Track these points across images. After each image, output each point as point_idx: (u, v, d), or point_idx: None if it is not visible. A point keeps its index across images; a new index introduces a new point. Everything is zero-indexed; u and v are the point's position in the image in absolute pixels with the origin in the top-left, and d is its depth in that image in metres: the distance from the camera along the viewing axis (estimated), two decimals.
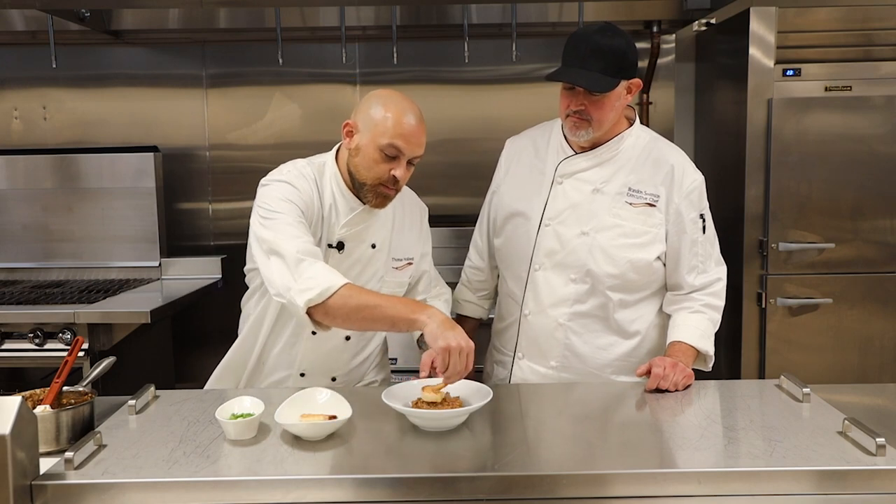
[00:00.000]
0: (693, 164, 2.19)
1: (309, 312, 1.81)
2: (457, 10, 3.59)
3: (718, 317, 2.19)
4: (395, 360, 3.11)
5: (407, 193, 2.21)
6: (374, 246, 2.07)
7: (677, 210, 2.12)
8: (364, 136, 1.95)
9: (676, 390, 1.93)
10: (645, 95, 3.76)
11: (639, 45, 3.73)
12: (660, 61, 3.73)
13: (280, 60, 3.58)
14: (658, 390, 1.93)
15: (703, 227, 2.16)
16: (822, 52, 3.13)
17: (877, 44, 3.13)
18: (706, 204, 2.18)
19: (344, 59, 3.62)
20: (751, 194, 3.15)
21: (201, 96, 3.83)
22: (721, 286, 2.20)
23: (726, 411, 1.82)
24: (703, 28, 3.65)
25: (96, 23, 3.53)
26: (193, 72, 3.83)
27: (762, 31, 3.08)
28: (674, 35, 3.77)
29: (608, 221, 2.11)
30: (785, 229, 3.13)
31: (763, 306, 3.16)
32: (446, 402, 1.72)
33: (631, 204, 2.11)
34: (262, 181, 2.02)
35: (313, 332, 2.00)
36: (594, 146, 2.14)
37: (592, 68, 1.99)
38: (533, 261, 2.17)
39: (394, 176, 1.93)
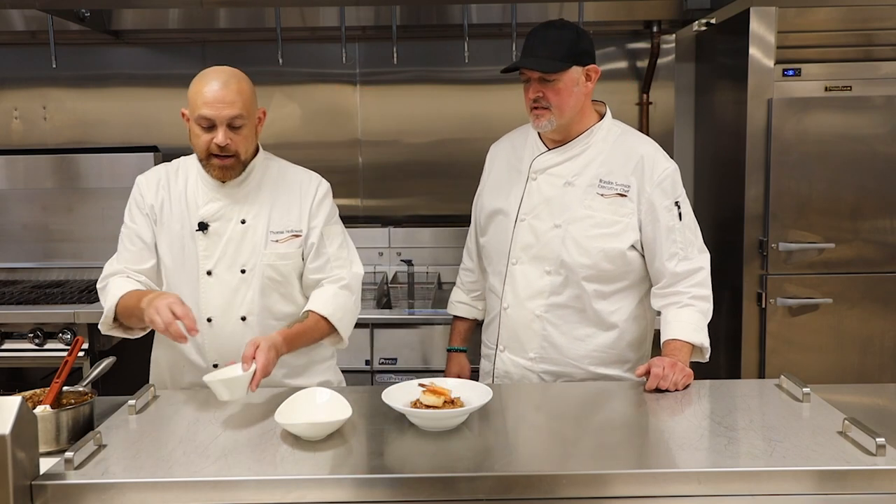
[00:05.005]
0: (665, 154, 2.22)
1: (116, 325, 2.10)
2: (457, 10, 3.58)
3: (708, 306, 2.19)
4: (396, 360, 3.12)
5: (289, 171, 2.21)
6: (243, 222, 2.11)
7: (649, 199, 2.15)
8: (190, 118, 2.07)
9: (676, 390, 1.93)
10: (645, 95, 3.76)
11: (639, 45, 3.76)
12: (660, 61, 3.72)
13: (280, 60, 3.57)
14: (658, 390, 1.93)
15: (679, 215, 2.17)
16: (822, 52, 3.13)
17: (877, 44, 3.13)
18: (681, 192, 2.20)
19: (344, 59, 3.62)
20: (751, 194, 3.15)
21: None
22: (705, 275, 2.20)
23: (726, 411, 1.81)
24: (703, 28, 3.65)
25: (96, 23, 3.52)
26: (193, 72, 3.75)
27: (762, 31, 3.08)
28: (674, 35, 3.76)
29: (580, 213, 2.16)
30: (785, 229, 3.13)
31: (763, 306, 3.16)
32: (446, 402, 1.72)
33: (602, 195, 2.16)
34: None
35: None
36: (565, 141, 2.20)
37: (540, 55, 2.10)
38: (510, 255, 2.23)
39: (217, 144, 2.01)
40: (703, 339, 2.13)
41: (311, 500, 1.44)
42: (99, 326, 2.12)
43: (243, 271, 2.11)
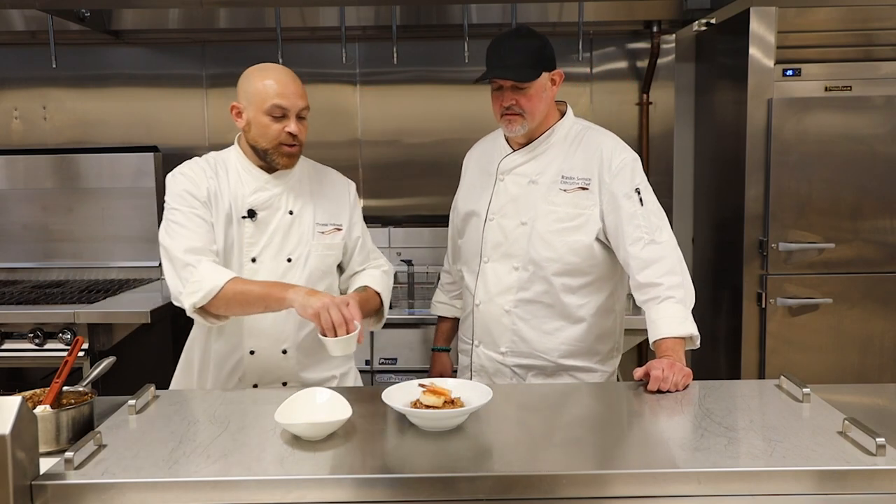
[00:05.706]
0: (625, 146, 2.28)
1: (201, 309, 2.02)
2: (457, 10, 3.59)
3: (684, 292, 2.14)
4: (396, 360, 3.12)
5: (324, 170, 2.34)
6: (291, 213, 2.17)
7: (609, 189, 2.21)
8: (249, 111, 2.12)
9: (677, 390, 1.93)
10: (645, 95, 3.76)
11: (639, 45, 3.76)
12: (660, 61, 3.72)
13: (280, 60, 3.57)
14: (658, 391, 1.92)
15: (641, 201, 2.20)
16: (822, 52, 3.14)
17: (877, 44, 3.13)
18: (641, 179, 2.24)
19: (344, 59, 3.62)
20: (751, 194, 3.15)
21: (201, 96, 3.83)
22: (674, 260, 2.17)
23: (726, 411, 1.81)
24: (703, 28, 3.65)
25: (96, 23, 3.52)
26: (193, 72, 3.83)
27: (762, 31, 3.08)
28: (674, 35, 3.76)
29: (544, 209, 2.23)
30: (785, 229, 3.13)
31: (763, 306, 3.17)
32: (446, 402, 1.72)
33: (564, 190, 2.23)
34: (168, 175, 2.18)
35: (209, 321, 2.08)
36: (529, 141, 2.28)
37: (512, 64, 2.16)
38: (482, 254, 2.32)
39: (289, 133, 2.08)
40: (689, 328, 2.10)
41: (311, 500, 1.44)
42: (188, 303, 2.01)
43: (289, 260, 2.16)
